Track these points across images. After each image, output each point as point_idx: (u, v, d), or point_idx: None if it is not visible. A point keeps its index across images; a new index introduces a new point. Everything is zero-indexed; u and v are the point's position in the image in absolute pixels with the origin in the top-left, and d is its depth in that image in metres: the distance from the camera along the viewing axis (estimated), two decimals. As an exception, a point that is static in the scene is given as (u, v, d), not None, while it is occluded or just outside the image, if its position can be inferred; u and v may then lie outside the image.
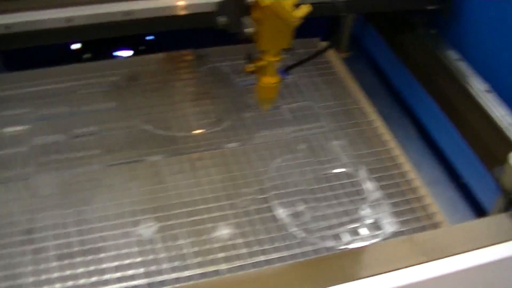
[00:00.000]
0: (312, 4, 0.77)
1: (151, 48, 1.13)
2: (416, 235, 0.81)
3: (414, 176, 0.90)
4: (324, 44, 1.09)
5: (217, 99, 0.98)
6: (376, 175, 0.89)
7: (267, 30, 0.78)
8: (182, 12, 0.87)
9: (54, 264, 0.75)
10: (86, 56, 1.21)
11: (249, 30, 0.81)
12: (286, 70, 0.86)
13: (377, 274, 0.71)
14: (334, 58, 1.08)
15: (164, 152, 0.89)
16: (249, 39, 0.84)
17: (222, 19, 0.85)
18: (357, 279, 0.69)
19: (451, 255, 0.69)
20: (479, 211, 0.90)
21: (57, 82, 0.99)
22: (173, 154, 0.89)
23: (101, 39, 1.21)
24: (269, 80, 0.84)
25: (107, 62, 1.05)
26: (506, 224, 0.74)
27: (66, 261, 0.76)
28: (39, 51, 1.11)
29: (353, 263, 0.74)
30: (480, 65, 0.95)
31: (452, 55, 0.98)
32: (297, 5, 0.77)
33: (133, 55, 1.13)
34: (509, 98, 0.89)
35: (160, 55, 1.05)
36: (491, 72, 0.93)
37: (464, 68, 0.96)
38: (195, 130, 0.93)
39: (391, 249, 0.76)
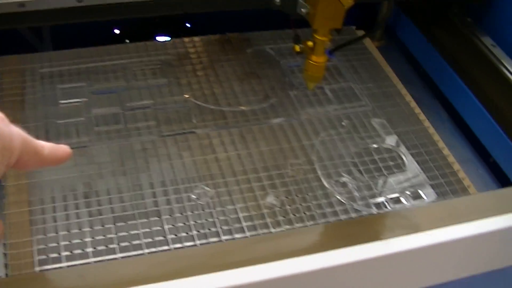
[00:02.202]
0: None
1: (189, 34, 1.15)
2: (451, 200, 0.88)
3: (448, 152, 0.95)
4: (360, 32, 1.15)
5: (263, 79, 1.03)
6: (414, 151, 0.94)
7: (321, 11, 0.83)
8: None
9: (109, 226, 0.79)
10: (126, 41, 1.26)
11: (304, 10, 0.86)
12: (331, 52, 0.91)
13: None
14: (369, 45, 1.13)
15: (215, 126, 0.94)
16: (301, 20, 0.90)
17: (277, 0, 0.91)
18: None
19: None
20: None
21: (108, 60, 1.03)
22: (223, 127, 0.94)
23: (141, 25, 1.27)
24: (319, 58, 0.88)
25: (157, 42, 1.09)
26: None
27: (121, 224, 0.79)
28: (82, 34, 1.16)
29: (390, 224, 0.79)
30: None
31: (487, 42, 1.03)
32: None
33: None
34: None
35: (207, 37, 1.10)
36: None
37: (499, 54, 1.00)
38: (243, 106, 0.97)
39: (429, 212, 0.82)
